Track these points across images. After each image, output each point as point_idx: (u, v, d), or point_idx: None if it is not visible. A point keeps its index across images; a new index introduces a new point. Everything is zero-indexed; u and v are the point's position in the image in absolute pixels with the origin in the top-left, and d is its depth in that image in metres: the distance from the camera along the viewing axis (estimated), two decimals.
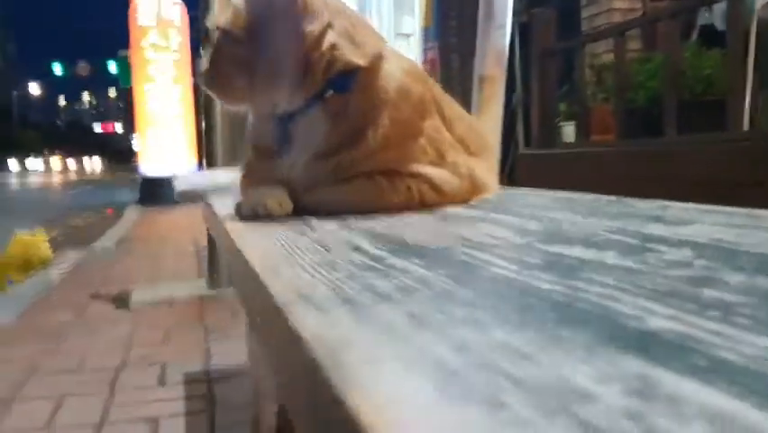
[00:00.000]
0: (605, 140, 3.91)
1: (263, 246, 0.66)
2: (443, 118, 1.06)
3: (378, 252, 0.60)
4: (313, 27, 0.96)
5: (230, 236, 0.76)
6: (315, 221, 0.87)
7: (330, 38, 0.96)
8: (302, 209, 0.96)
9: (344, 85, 0.97)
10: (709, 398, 0.24)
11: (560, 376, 0.27)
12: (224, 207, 1.08)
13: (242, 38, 0.97)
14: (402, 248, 0.61)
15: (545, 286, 0.43)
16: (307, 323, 0.37)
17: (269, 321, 0.45)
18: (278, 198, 0.95)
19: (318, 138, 0.98)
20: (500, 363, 0.29)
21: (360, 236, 0.70)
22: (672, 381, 0.26)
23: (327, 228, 0.79)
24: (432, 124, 1.02)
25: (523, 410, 0.24)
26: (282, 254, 0.60)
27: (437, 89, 1.10)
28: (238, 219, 0.94)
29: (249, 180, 1.05)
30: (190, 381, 2.53)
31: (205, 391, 2.42)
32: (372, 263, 0.54)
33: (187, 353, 2.86)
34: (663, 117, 3.17)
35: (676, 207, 0.77)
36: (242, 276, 0.61)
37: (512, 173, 4.72)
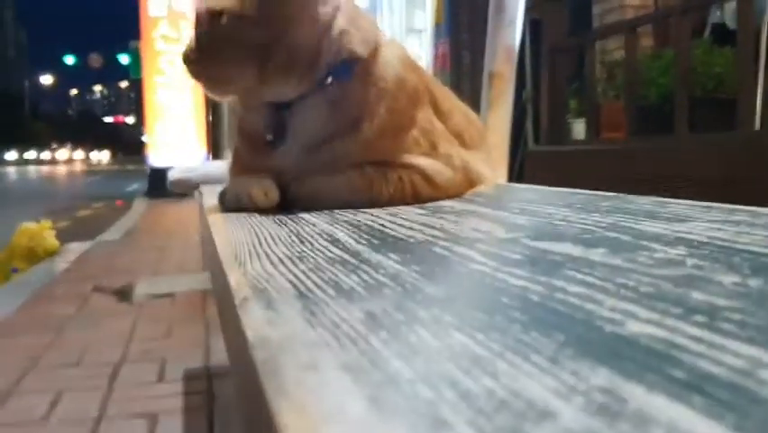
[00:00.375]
0: (615, 137, 3.86)
1: (236, 236, 0.63)
2: (438, 110, 1.02)
3: (355, 245, 0.56)
4: (326, 9, 0.92)
5: (208, 226, 0.73)
6: (299, 212, 0.83)
7: (340, 22, 0.93)
8: (290, 200, 0.93)
9: (345, 72, 0.93)
10: (682, 417, 0.21)
11: (516, 388, 0.24)
12: (214, 197, 1.05)
13: (255, 22, 0.90)
14: (382, 242, 0.58)
15: (521, 284, 0.40)
16: (253, 321, 0.34)
17: (225, 316, 0.42)
18: (263, 188, 0.91)
19: (314, 127, 0.94)
20: (452, 371, 0.26)
21: (341, 229, 0.66)
22: (642, 396, 0.23)
23: (310, 219, 0.75)
24: (424, 115, 0.98)
25: (464, 430, 0.21)
26: (252, 245, 0.57)
27: (431, 79, 1.07)
28: (222, 209, 0.91)
29: (236, 169, 1.02)
30: (190, 377, 2.50)
31: (204, 388, 2.40)
32: (346, 257, 0.51)
33: (188, 348, 2.83)
34: (674, 115, 3.12)
35: (675, 204, 0.73)
36: (212, 267, 0.58)
37: (521, 170, 4.67)
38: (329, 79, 0.93)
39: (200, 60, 0.94)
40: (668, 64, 3.46)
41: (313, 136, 0.94)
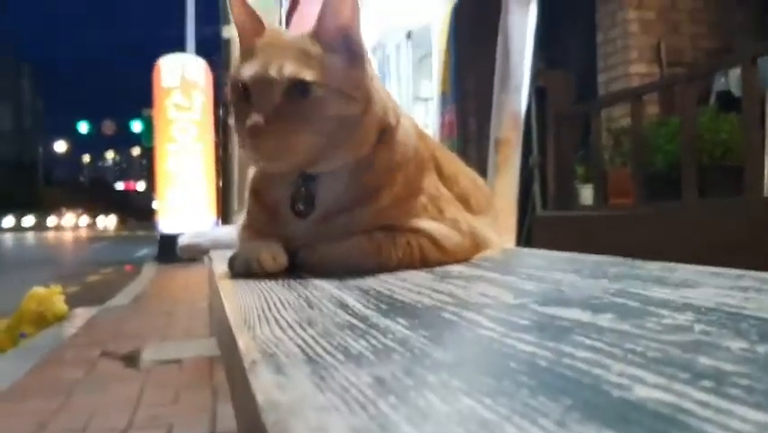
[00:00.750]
0: (623, 203, 3.87)
1: (245, 301, 0.64)
2: (442, 175, 1.04)
3: (364, 310, 0.57)
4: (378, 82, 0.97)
5: (218, 291, 0.74)
6: (308, 277, 0.84)
7: (381, 94, 0.97)
8: (299, 265, 0.94)
9: (375, 142, 0.96)
10: None
11: None
12: (223, 262, 1.06)
13: (347, 96, 0.90)
14: (390, 307, 0.58)
15: (530, 349, 0.40)
16: (263, 384, 0.34)
17: (234, 380, 0.43)
18: (272, 253, 0.92)
19: (336, 195, 0.95)
20: None
21: (349, 293, 0.67)
22: None
23: (318, 284, 0.76)
24: (431, 181, 1.00)
25: None
26: (262, 310, 0.57)
27: (436, 146, 1.09)
28: (231, 273, 0.91)
29: (247, 232, 1.03)
30: None
31: None
32: (354, 321, 0.51)
33: (195, 414, 2.80)
34: (682, 181, 3.14)
35: (683, 269, 0.73)
36: (221, 331, 0.58)
37: (529, 235, 4.68)
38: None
39: (275, 132, 0.87)
40: (674, 131, 3.50)
41: (334, 204, 0.95)
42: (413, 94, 9.44)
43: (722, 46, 4.74)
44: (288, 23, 4.52)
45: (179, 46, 11.27)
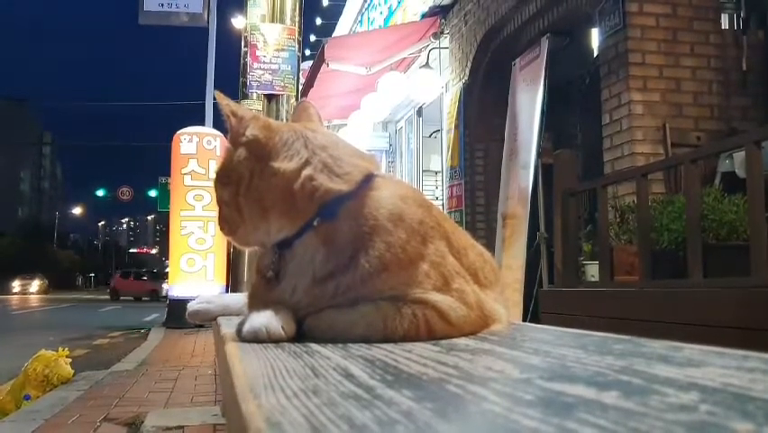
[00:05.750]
0: (629, 280, 3.85)
1: (252, 369, 0.64)
2: (451, 246, 1.05)
3: (369, 380, 0.57)
4: (289, 164, 1.02)
5: (225, 358, 0.74)
6: (314, 345, 0.84)
7: (306, 172, 1.01)
8: (305, 333, 0.94)
9: (332, 213, 0.99)
10: None
11: None
12: (231, 328, 1.07)
13: (223, 182, 1.08)
14: (395, 378, 0.59)
15: (534, 425, 0.40)
16: None
17: None
18: (280, 321, 0.94)
19: (314, 263, 0.99)
20: None
21: (355, 363, 0.67)
22: None
23: (324, 353, 0.76)
24: (436, 249, 1.01)
25: None
26: (268, 377, 0.57)
27: (444, 217, 1.11)
28: (239, 341, 0.92)
29: (254, 302, 1.05)
30: None
31: None
32: (359, 392, 0.52)
33: None
34: (688, 260, 3.14)
35: (688, 349, 0.73)
36: (227, 398, 0.59)
37: (535, 309, 4.64)
38: (317, 220, 0.99)
39: (218, 218, 1.12)
40: (680, 210, 3.51)
41: (316, 272, 0.99)
42: (423, 166, 9.60)
43: (726, 128, 4.81)
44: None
45: (198, 118, 11.60)
